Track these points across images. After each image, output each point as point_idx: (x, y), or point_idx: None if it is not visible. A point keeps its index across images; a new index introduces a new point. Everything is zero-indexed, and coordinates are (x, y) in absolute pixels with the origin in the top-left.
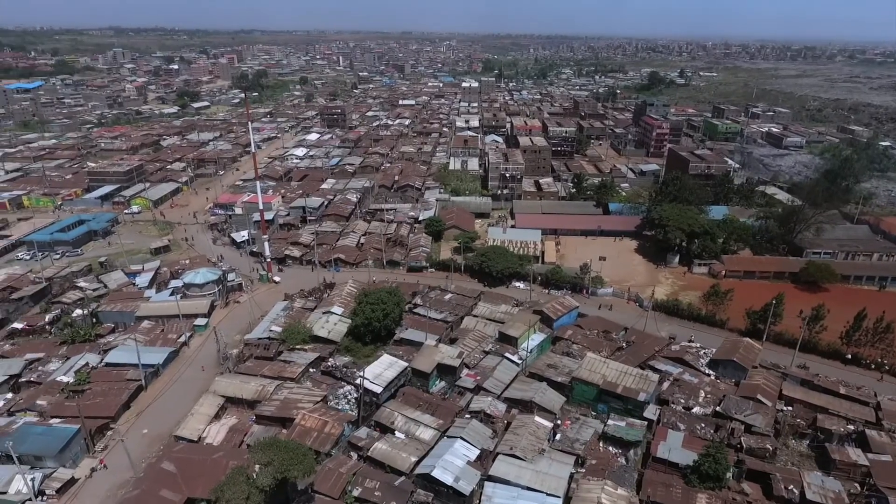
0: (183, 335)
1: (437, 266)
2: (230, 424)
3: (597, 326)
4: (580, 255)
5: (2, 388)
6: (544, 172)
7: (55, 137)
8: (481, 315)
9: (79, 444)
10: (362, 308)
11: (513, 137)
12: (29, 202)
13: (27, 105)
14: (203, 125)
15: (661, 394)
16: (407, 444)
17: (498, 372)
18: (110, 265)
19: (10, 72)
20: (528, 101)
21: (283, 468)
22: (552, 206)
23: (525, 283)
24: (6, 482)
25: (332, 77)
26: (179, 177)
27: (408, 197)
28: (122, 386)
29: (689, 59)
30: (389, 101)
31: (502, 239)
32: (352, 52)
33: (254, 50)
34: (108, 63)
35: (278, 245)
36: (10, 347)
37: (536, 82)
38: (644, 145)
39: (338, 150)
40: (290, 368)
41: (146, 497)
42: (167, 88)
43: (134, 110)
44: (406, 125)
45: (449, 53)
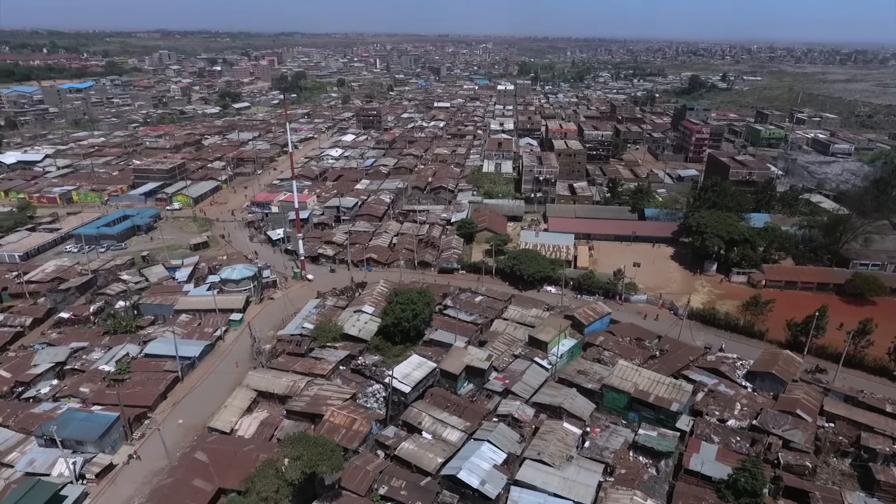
0: (219, 329)
1: (468, 268)
2: (262, 418)
3: (629, 333)
4: (614, 261)
5: (48, 374)
6: (579, 176)
7: (104, 136)
8: (511, 318)
9: (118, 432)
10: (392, 308)
11: (547, 141)
12: (78, 197)
13: (79, 104)
14: (243, 125)
15: (694, 404)
16: (434, 444)
17: (527, 376)
18: (152, 259)
19: (63, 72)
20: (563, 105)
21: (311, 463)
22: (586, 210)
23: (556, 288)
24: (50, 465)
25: (368, 79)
26: (219, 175)
27: (441, 199)
28: (160, 377)
29: (733, 62)
30: (424, 104)
31: (534, 242)
32: (388, 54)
33: (294, 52)
34: (154, 64)
35: (312, 244)
36: (57, 336)
37: (573, 85)
38: (682, 150)
39: (372, 152)
40: (321, 365)
41: (180, 485)
42: (210, 89)
43: (178, 110)
44: (440, 127)
45: (485, 56)
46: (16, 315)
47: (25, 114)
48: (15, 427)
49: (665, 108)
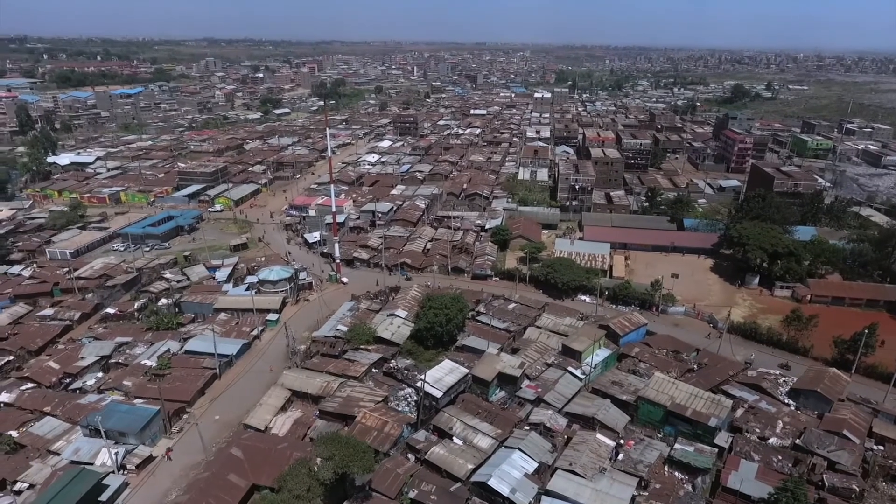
0: (256, 329)
1: (501, 275)
2: (295, 417)
3: (666, 346)
4: (651, 272)
5: (94, 367)
6: (616, 185)
7: (151, 139)
8: (545, 327)
9: (158, 425)
10: (426, 312)
11: (584, 149)
12: (126, 198)
13: (129, 109)
14: (283, 130)
15: (734, 421)
16: (464, 450)
17: (560, 385)
18: (193, 259)
19: (115, 78)
20: (601, 113)
21: (343, 463)
22: (623, 219)
23: (591, 297)
24: (93, 454)
25: (405, 86)
26: (259, 178)
27: (475, 205)
28: (199, 373)
29: (778, 71)
30: (461, 111)
31: (569, 251)
32: (426, 62)
33: (333, 60)
34: (200, 71)
35: (348, 247)
36: (103, 330)
37: (611, 94)
38: (724, 160)
39: (408, 158)
40: (354, 367)
41: (215, 480)
42: (252, 95)
43: (221, 115)
44: (476, 134)
45: (522, 64)
46: (66, 309)
47: (79, 118)
48: (62, 416)
49: (706, 118)
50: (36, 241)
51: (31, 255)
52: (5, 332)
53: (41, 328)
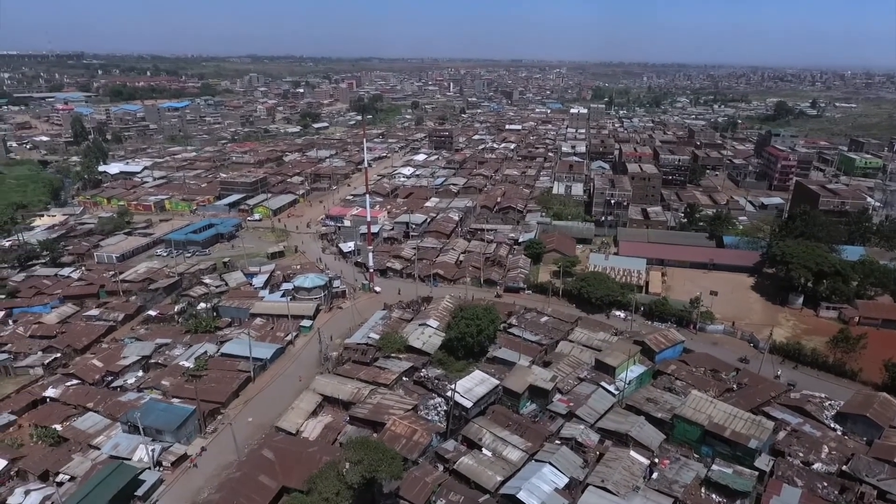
0: (290, 334)
1: (534, 288)
2: (326, 422)
3: (704, 364)
4: (688, 289)
5: (135, 366)
6: (653, 201)
7: (195, 150)
8: (578, 341)
9: (193, 424)
10: (457, 322)
11: (620, 164)
12: (170, 205)
13: (175, 122)
14: (321, 144)
15: (776, 443)
16: (493, 462)
17: (592, 400)
18: (232, 266)
19: (164, 93)
20: (638, 129)
21: (372, 468)
22: (660, 235)
23: (626, 313)
24: (132, 450)
25: (441, 102)
26: (297, 189)
27: (509, 219)
28: (234, 375)
29: (824, 88)
30: (496, 126)
31: (604, 266)
32: (462, 78)
33: (371, 76)
34: (244, 86)
35: (381, 257)
36: (145, 332)
37: (649, 110)
38: (766, 178)
39: (443, 171)
40: (385, 375)
41: (247, 480)
42: (292, 110)
43: (263, 129)
44: (511, 149)
45: (558, 81)
46: (110, 310)
47: (129, 129)
48: (104, 412)
49: (748, 135)
50: (85, 245)
51: (80, 258)
52: (54, 330)
53: (87, 328)
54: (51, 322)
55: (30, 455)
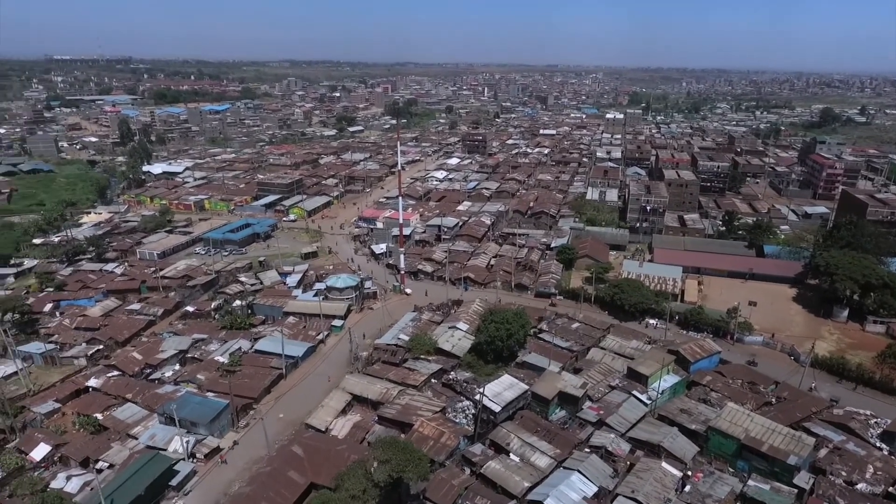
0: (321, 333)
1: (565, 294)
2: (354, 421)
3: (741, 376)
4: (726, 298)
5: (172, 360)
6: (690, 208)
7: (235, 152)
8: (609, 348)
9: (226, 418)
10: (487, 326)
11: (657, 170)
12: (209, 205)
13: (216, 124)
14: (356, 147)
15: (816, 461)
16: (521, 467)
17: (624, 409)
18: (267, 265)
19: (206, 96)
20: (676, 135)
21: (399, 468)
22: (696, 243)
23: (660, 321)
24: (167, 441)
25: (475, 106)
26: (331, 191)
27: (541, 223)
28: (266, 372)
29: (873, 95)
30: (530, 131)
31: (638, 273)
32: (496, 83)
33: (406, 81)
34: (282, 90)
35: (413, 259)
36: (182, 327)
37: (687, 116)
38: (810, 186)
39: (476, 175)
40: (414, 376)
41: (276, 475)
42: (329, 113)
43: (299, 132)
44: (545, 154)
45: (594, 86)
46: (151, 305)
47: (172, 131)
48: (142, 404)
49: (791, 142)
50: (128, 242)
51: (123, 254)
52: (97, 323)
53: (128, 321)
54: (95, 315)
55: (72, 442)
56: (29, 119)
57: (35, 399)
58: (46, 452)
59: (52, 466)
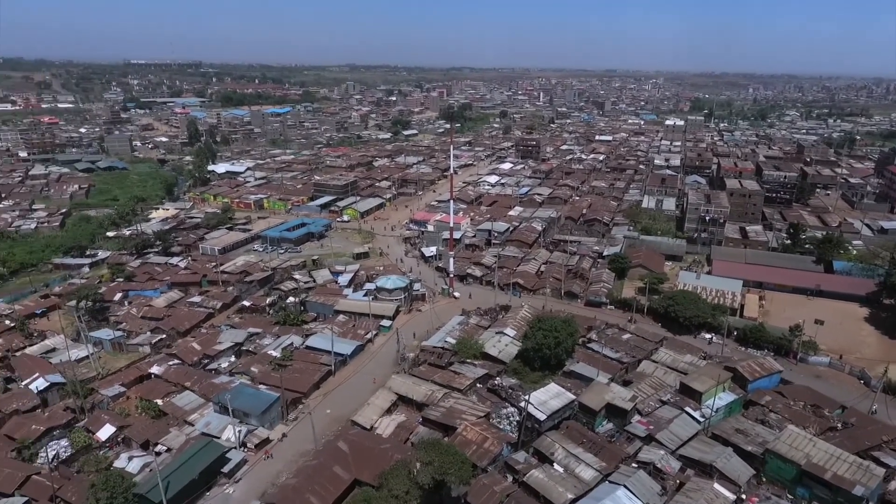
0: (370, 332)
1: (617, 304)
2: (399, 421)
3: (804, 398)
4: (789, 315)
5: (228, 352)
6: (753, 219)
7: (294, 153)
8: (662, 362)
9: (276, 410)
10: (534, 333)
11: (718, 179)
12: (268, 204)
13: (277, 126)
14: (409, 150)
15: (886, 493)
16: (565, 478)
17: (675, 425)
18: (320, 263)
19: (269, 99)
20: (740, 143)
21: (441, 470)
22: (759, 256)
23: (717, 336)
24: (221, 429)
25: (530, 111)
26: (384, 193)
27: (594, 231)
28: (316, 368)
29: None
30: (585, 137)
31: (695, 285)
32: (553, 88)
33: (462, 85)
34: (341, 94)
35: (462, 263)
36: (239, 320)
37: (753, 124)
38: (888, 199)
39: (528, 180)
40: (459, 379)
41: (322, 469)
42: (384, 117)
43: (356, 134)
44: (600, 160)
45: (654, 92)
46: (210, 299)
47: (236, 132)
48: (199, 392)
49: (867, 153)
50: (192, 238)
51: (187, 249)
52: (161, 313)
53: (189, 313)
54: (159, 305)
55: (134, 425)
56: (107, 119)
57: (103, 382)
58: (111, 433)
59: (115, 446)
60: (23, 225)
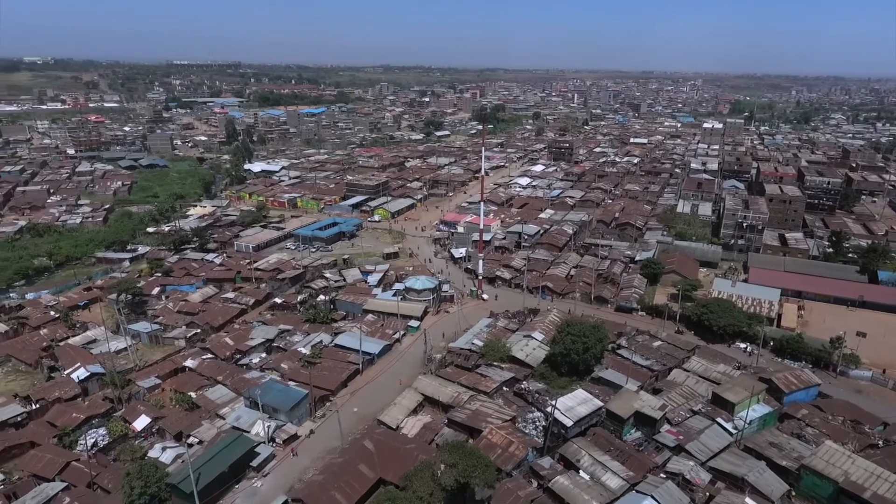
0: (398, 332)
1: (648, 310)
2: (425, 421)
3: (843, 413)
4: (829, 326)
5: (259, 348)
6: (793, 226)
7: (327, 153)
8: (693, 371)
9: (305, 407)
10: (563, 337)
11: (757, 184)
12: (301, 203)
13: (312, 126)
14: (441, 151)
15: None
16: (591, 486)
17: (706, 436)
18: (350, 263)
19: (304, 99)
20: (781, 147)
21: (466, 473)
22: (798, 264)
23: (752, 346)
24: (251, 423)
25: (564, 113)
26: (415, 194)
27: (626, 235)
28: (344, 366)
29: None
30: (620, 139)
31: (730, 293)
32: (587, 90)
33: (495, 86)
34: (374, 95)
35: (491, 265)
36: (270, 317)
37: (795, 127)
38: None
39: (560, 183)
40: (485, 382)
41: (347, 467)
42: (417, 118)
43: (388, 135)
44: (634, 163)
45: (692, 94)
46: (243, 295)
47: (272, 132)
48: (231, 386)
49: None
50: (227, 235)
51: (222, 245)
52: (196, 308)
53: (223, 308)
54: (195, 300)
55: (168, 416)
56: (150, 118)
57: (140, 374)
58: (146, 424)
59: (150, 437)
60: (69, 219)
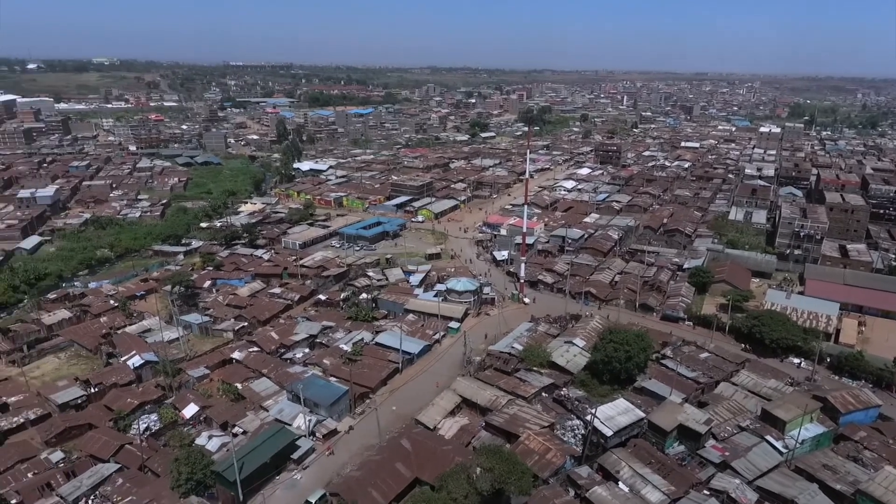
0: (438, 333)
1: (695, 320)
2: (462, 424)
3: None
4: (893, 344)
5: (303, 343)
6: (856, 237)
7: (373, 153)
8: (742, 385)
9: (345, 403)
10: (605, 345)
11: (817, 192)
12: (347, 202)
13: (359, 126)
14: (486, 153)
15: None
16: (629, 499)
17: (753, 454)
18: (393, 262)
19: (352, 100)
20: (844, 153)
21: (502, 478)
22: (860, 277)
23: (806, 362)
24: (293, 417)
25: (612, 115)
26: (459, 195)
27: (674, 242)
28: (384, 365)
29: None
30: (670, 143)
31: (784, 305)
32: (637, 91)
33: (542, 88)
34: (421, 96)
35: (533, 269)
36: (314, 313)
37: (860, 132)
38: None
39: (606, 187)
40: (524, 387)
41: (384, 464)
42: (463, 119)
43: (434, 136)
44: (685, 168)
45: (748, 96)
46: (289, 291)
47: (321, 132)
48: (275, 380)
49: None
50: (276, 232)
51: (271, 242)
52: (244, 302)
53: (270, 303)
54: (243, 294)
55: (215, 406)
56: (206, 118)
57: (190, 364)
58: (195, 412)
59: (198, 425)
60: (129, 213)
